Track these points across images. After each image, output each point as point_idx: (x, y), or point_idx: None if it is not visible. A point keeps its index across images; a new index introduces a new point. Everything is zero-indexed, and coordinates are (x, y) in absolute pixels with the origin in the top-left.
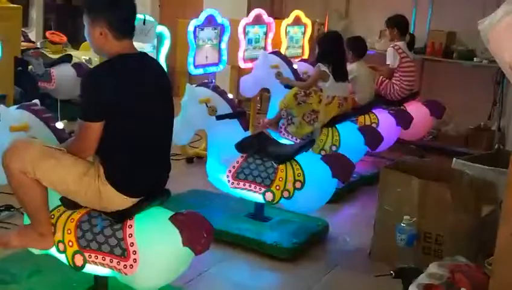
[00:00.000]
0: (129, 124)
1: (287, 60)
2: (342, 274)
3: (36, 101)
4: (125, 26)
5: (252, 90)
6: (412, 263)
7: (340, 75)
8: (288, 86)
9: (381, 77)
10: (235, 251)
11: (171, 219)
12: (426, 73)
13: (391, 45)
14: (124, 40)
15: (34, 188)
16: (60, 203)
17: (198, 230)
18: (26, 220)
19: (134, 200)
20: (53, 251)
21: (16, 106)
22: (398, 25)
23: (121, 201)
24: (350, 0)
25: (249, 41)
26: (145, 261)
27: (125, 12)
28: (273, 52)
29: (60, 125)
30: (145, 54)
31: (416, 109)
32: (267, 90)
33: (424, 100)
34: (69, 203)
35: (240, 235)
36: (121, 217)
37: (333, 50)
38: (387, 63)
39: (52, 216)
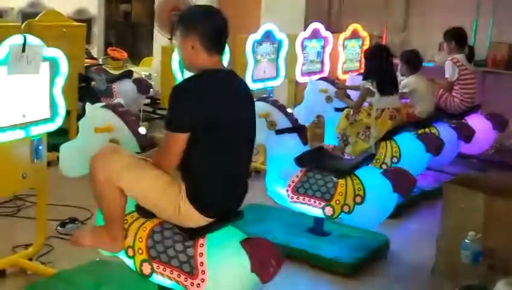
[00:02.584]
0: (214, 141)
1: (333, 83)
2: None
3: (120, 100)
4: (216, 41)
5: (307, 118)
6: (477, 280)
7: (386, 89)
8: (339, 109)
9: (440, 90)
10: (294, 266)
11: (242, 243)
12: (488, 86)
13: (449, 58)
14: (214, 56)
15: (115, 196)
16: (134, 209)
17: (268, 258)
18: (99, 221)
19: (210, 219)
20: (121, 255)
21: (101, 104)
22: (456, 38)
23: (197, 219)
24: (409, 13)
25: (307, 56)
26: (213, 282)
27: (217, 27)
28: (321, 79)
29: (142, 130)
30: (231, 70)
31: (478, 123)
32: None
33: (486, 113)
34: (144, 212)
35: (299, 249)
36: (194, 234)
37: (376, 64)
38: (446, 76)
39: (125, 221)
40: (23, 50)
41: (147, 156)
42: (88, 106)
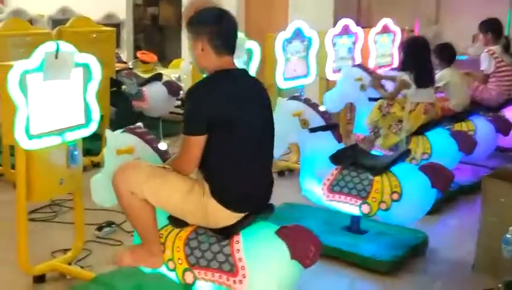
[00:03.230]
0: (232, 139)
1: (369, 72)
2: (445, 288)
3: (140, 124)
4: (226, 43)
5: (336, 105)
6: None
7: (423, 81)
8: (373, 99)
9: (475, 83)
10: (332, 265)
11: (278, 232)
12: None
13: (485, 50)
14: (224, 57)
15: (142, 208)
16: (167, 222)
17: (306, 243)
18: (137, 240)
19: (240, 215)
20: (163, 269)
21: (120, 130)
22: (492, 29)
23: (226, 217)
24: (440, 5)
25: (337, 52)
26: (254, 276)
27: (226, 30)
28: (357, 66)
29: (163, 146)
30: (244, 70)
31: None
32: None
33: None
34: (176, 222)
35: (336, 248)
36: (228, 233)
37: (414, 56)
38: (482, 68)
39: (161, 235)
40: (56, 56)
41: (166, 164)
42: (108, 132)
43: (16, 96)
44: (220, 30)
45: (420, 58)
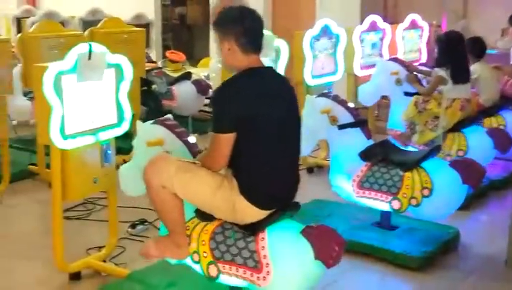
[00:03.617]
0: (259, 137)
1: (405, 66)
2: (478, 284)
3: (169, 116)
4: (252, 41)
5: (371, 98)
6: None
7: (460, 76)
8: (408, 94)
9: (505, 77)
10: (362, 261)
11: (303, 232)
12: None
13: None
14: (251, 55)
15: (171, 201)
16: (194, 215)
17: (330, 243)
18: (163, 231)
19: (267, 212)
20: (188, 261)
21: (151, 121)
22: None
23: (254, 214)
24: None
25: (365, 49)
26: (278, 273)
27: (252, 28)
28: (392, 59)
29: (192, 139)
30: (271, 68)
31: None
32: (385, 97)
33: None
34: (203, 215)
35: (367, 244)
36: (254, 229)
37: (451, 51)
38: None
39: (187, 227)
40: (90, 58)
41: (196, 160)
42: (138, 123)
43: (51, 97)
44: (245, 29)
45: (456, 53)
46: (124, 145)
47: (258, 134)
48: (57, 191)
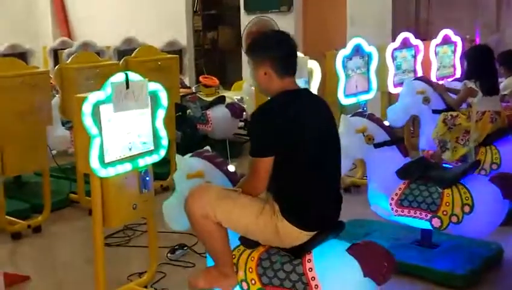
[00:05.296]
0: (299, 159)
1: (432, 84)
2: None
3: (207, 148)
4: (287, 65)
5: (400, 119)
6: None
7: (489, 88)
8: (437, 111)
9: None
10: (405, 280)
11: (349, 250)
12: None
13: None
14: (286, 78)
15: (215, 231)
16: (239, 242)
17: (378, 260)
18: (210, 262)
19: (311, 233)
20: None
21: (190, 154)
22: None
23: (298, 236)
24: (500, 12)
25: (398, 66)
26: None
27: (287, 52)
28: (418, 78)
29: (231, 168)
30: (306, 89)
31: None
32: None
33: None
34: (247, 242)
35: (409, 263)
36: (300, 252)
37: (480, 64)
38: None
39: (234, 256)
40: (127, 87)
41: (236, 187)
42: (178, 157)
43: (90, 126)
44: (281, 54)
45: (484, 66)
46: (161, 170)
47: (297, 156)
48: (98, 218)
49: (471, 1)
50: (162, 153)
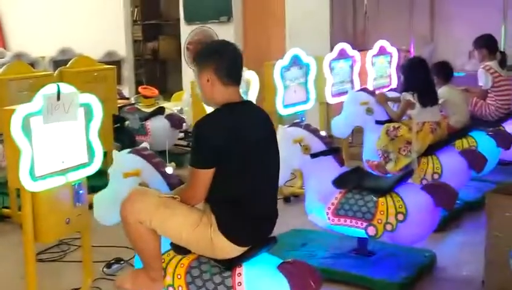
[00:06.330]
0: (238, 172)
1: (374, 95)
2: None
3: (146, 144)
4: (230, 73)
5: (344, 130)
6: None
7: (427, 100)
8: (380, 122)
9: (474, 99)
10: (341, 289)
11: (280, 267)
12: None
13: (481, 66)
14: (229, 87)
15: (149, 237)
16: (170, 247)
17: (306, 279)
18: (138, 264)
19: (244, 249)
20: None
21: (127, 150)
22: (487, 45)
23: (231, 250)
24: (434, 24)
25: (336, 77)
26: None
27: (230, 60)
28: (361, 89)
29: (169, 170)
30: (250, 101)
31: None
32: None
33: None
34: (179, 249)
35: (345, 272)
36: (231, 264)
37: (416, 76)
38: (480, 84)
39: (163, 260)
40: (58, 99)
41: (174, 194)
42: (115, 153)
43: (20, 139)
44: (224, 61)
45: (420, 77)
46: (97, 183)
47: (237, 170)
48: (29, 234)
49: (406, 13)
50: (96, 165)
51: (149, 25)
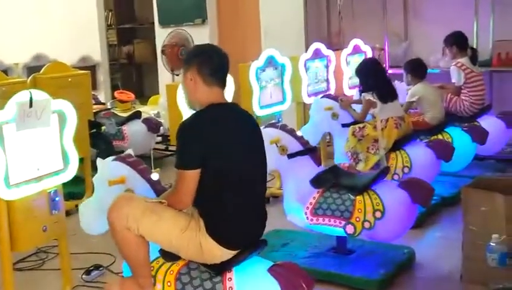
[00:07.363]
0: (225, 175)
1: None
2: None
3: (130, 151)
4: (214, 73)
5: (313, 138)
6: (506, 282)
7: (387, 96)
8: (346, 125)
9: (448, 95)
10: (322, 287)
11: (270, 270)
12: (496, 85)
13: (453, 63)
14: (213, 88)
15: (137, 244)
16: (159, 255)
17: (297, 281)
18: (127, 272)
19: (234, 252)
20: None
21: (112, 158)
22: (456, 42)
23: (221, 253)
24: (408, 22)
25: (311, 76)
26: None
27: (214, 61)
28: (325, 96)
29: (155, 176)
30: (234, 103)
31: (490, 123)
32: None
33: (498, 113)
34: (167, 255)
35: (325, 271)
36: (220, 269)
37: (371, 76)
38: (453, 81)
39: (152, 268)
40: (31, 105)
41: (161, 198)
42: (99, 161)
43: None
44: (208, 60)
45: (375, 76)
46: (75, 190)
47: (223, 172)
48: (5, 243)
49: (380, 12)
50: (71, 172)
51: (123, 29)
